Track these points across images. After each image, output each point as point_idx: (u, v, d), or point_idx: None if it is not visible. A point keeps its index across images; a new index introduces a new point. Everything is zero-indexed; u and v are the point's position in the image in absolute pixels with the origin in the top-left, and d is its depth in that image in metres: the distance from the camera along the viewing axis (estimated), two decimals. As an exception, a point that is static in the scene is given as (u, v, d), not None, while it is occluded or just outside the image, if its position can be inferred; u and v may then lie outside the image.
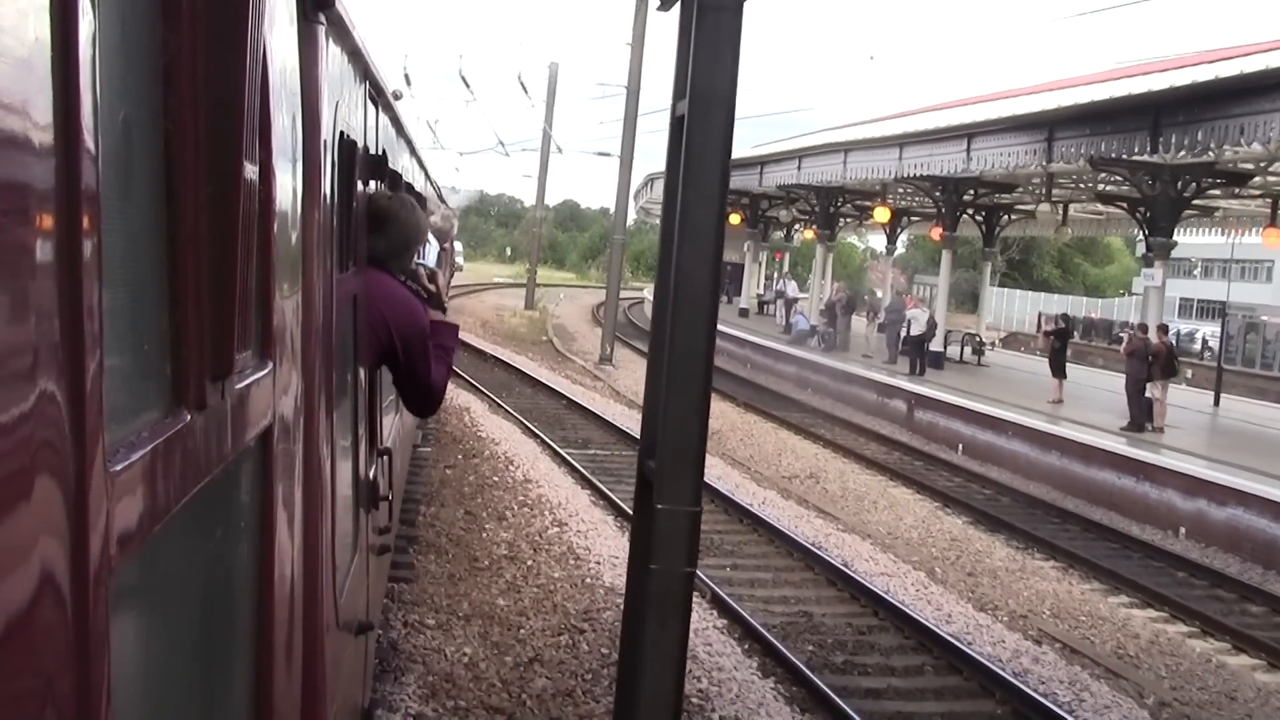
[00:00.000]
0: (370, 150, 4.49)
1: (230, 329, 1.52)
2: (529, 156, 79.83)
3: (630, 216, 49.84)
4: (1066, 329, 24.22)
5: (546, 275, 67.02)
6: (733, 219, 47.10)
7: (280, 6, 2.15)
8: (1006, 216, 34.87)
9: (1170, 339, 20.30)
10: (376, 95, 4.81)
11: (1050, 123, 18.73)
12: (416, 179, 10.10)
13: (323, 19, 2.81)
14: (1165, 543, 15.88)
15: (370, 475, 4.31)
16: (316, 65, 2.72)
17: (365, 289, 4.02)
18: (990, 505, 17.32)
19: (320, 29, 2.79)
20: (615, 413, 21.76)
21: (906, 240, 59.68)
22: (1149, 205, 25.76)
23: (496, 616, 10.00)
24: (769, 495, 15.92)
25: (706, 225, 5.85)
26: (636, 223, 69.29)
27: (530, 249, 56.14)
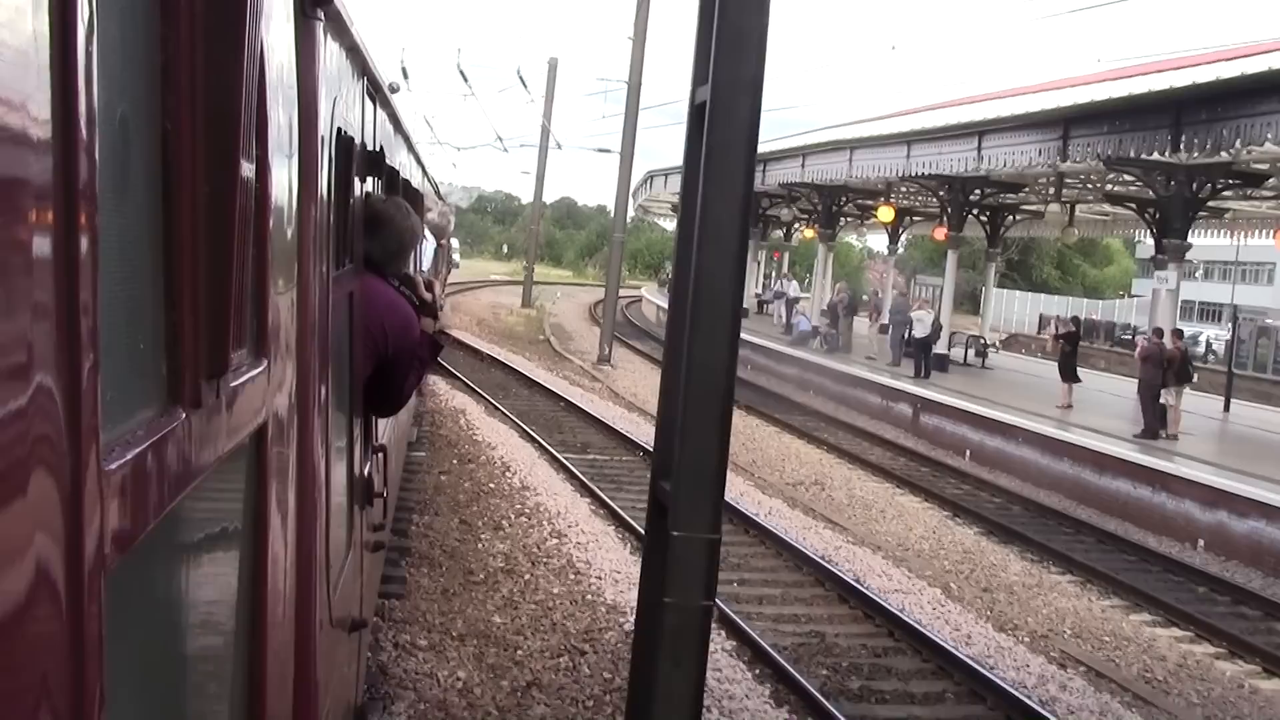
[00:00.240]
0: (368, 147, 4.47)
1: (226, 327, 1.50)
2: (527, 152, 79.25)
3: (628, 214, 49.32)
4: (1077, 332, 23.69)
5: (543, 273, 66.48)
6: (733, 217, 46.57)
7: (278, 3, 2.14)
8: (1011, 217, 34.37)
9: (1184, 344, 19.72)
10: (374, 91, 4.80)
11: (1066, 120, 18.18)
12: (414, 175, 10.07)
13: (321, 15, 2.80)
14: (1184, 555, 15.37)
15: (365, 472, 4.34)
16: (314, 62, 2.72)
17: (363, 291, 4.03)
18: (1002, 515, 16.80)
19: (318, 25, 2.78)
20: (615, 415, 21.21)
21: (906, 240, 59.25)
22: (1162, 206, 25.27)
23: (492, 636, 9.46)
24: (775, 504, 15.38)
25: (729, 224, 5.30)
26: (634, 220, 68.73)
27: (528, 246, 55.58)
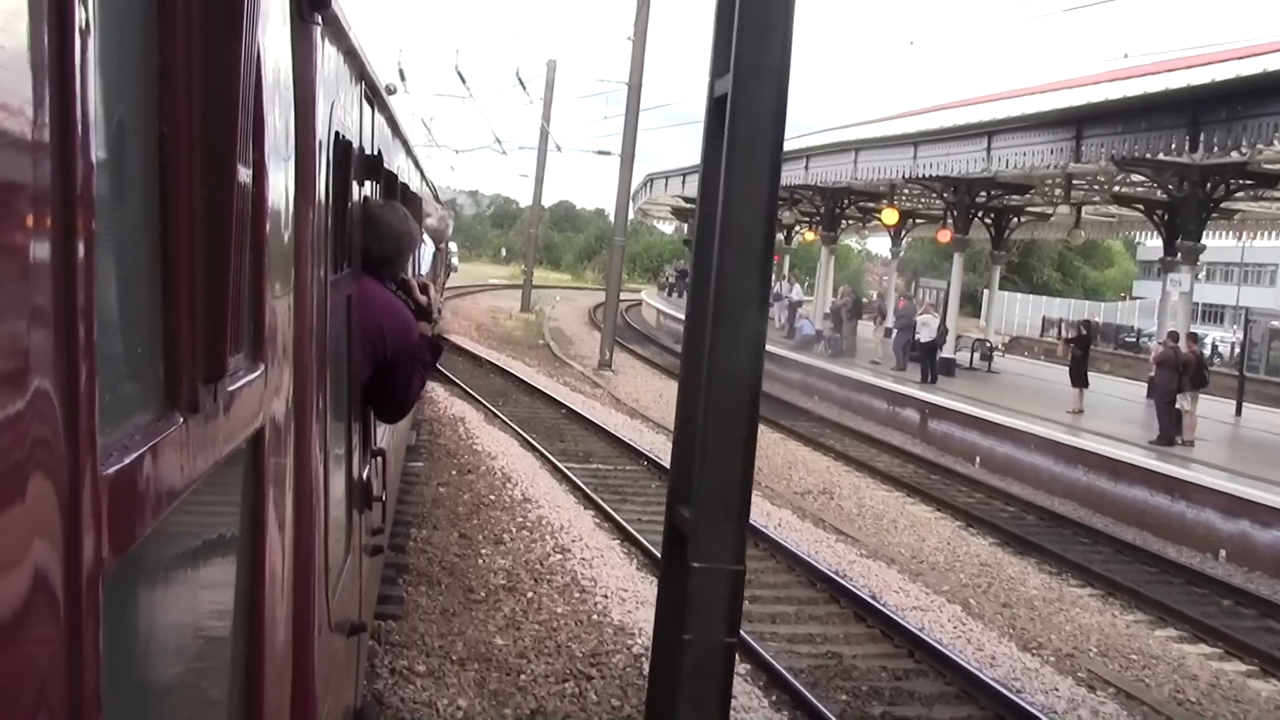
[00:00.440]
0: (366, 150, 4.45)
1: (223, 331, 1.50)
2: (525, 155, 78.78)
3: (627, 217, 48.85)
4: (1088, 336, 23.23)
5: (542, 276, 65.98)
6: (733, 220, 46.19)
7: (275, 7, 2.13)
8: (1016, 219, 33.97)
9: (1199, 348, 19.28)
10: (372, 95, 4.78)
11: (1078, 120, 17.73)
12: (412, 179, 10.00)
13: (319, 19, 2.78)
14: (1206, 567, 14.93)
15: (363, 476, 4.33)
16: (312, 66, 2.70)
17: (361, 295, 4.00)
18: (1016, 525, 16.35)
19: (316, 29, 2.76)
20: (617, 423, 20.75)
21: (907, 243, 58.89)
22: (1175, 207, 24.84)
23: (494, 659, 9.00)
24: (783, 515, 14.92)
25: (753, 227, 4.85)
26: (634, 223, 68.29)
27: (526, 250, 55.13)
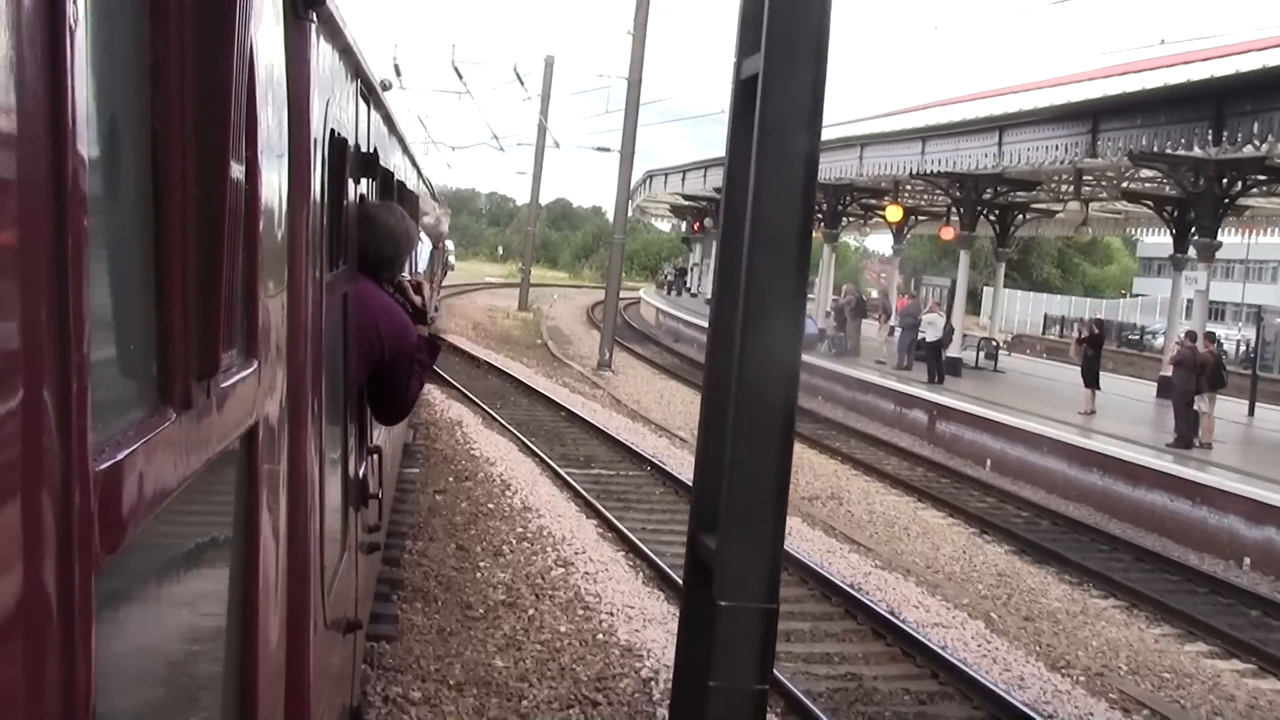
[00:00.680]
0: (362, 148, 4.42)
1: (216, 328, 1.50)
2: (523, 151, 78.19)
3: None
4: (1100, 335, 22.69)
5: (539, 275, 65.41)
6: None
7: (269, 4, 2.12)
8: (1021, 215, 33.44)
9: (1217, 348, 18.76)
10: (368, 93, 4.76)
11: (1095, 113, 17.20)
12: (409, 177, 9.88)
13: (314, 16, 2.77)
14: (1230, 575, 14.41)
15: (359, 473, 4.31)
16: (307, 63, 2.69)
17: (358, 295, 4.01)
18: (1032, 531, 15.83)
19: (311, 27, 2.74)
20: (618, 425, 20.21)
21: (907, 240, 58.38)
22: (1189, 203, 24.31)
23: (494, 683, 8.46)
24: (792, 522, 14.37)
25: (788, 221, 4.29)
26: (632, 221, 67.76)
27: (524, 248, 54.56)
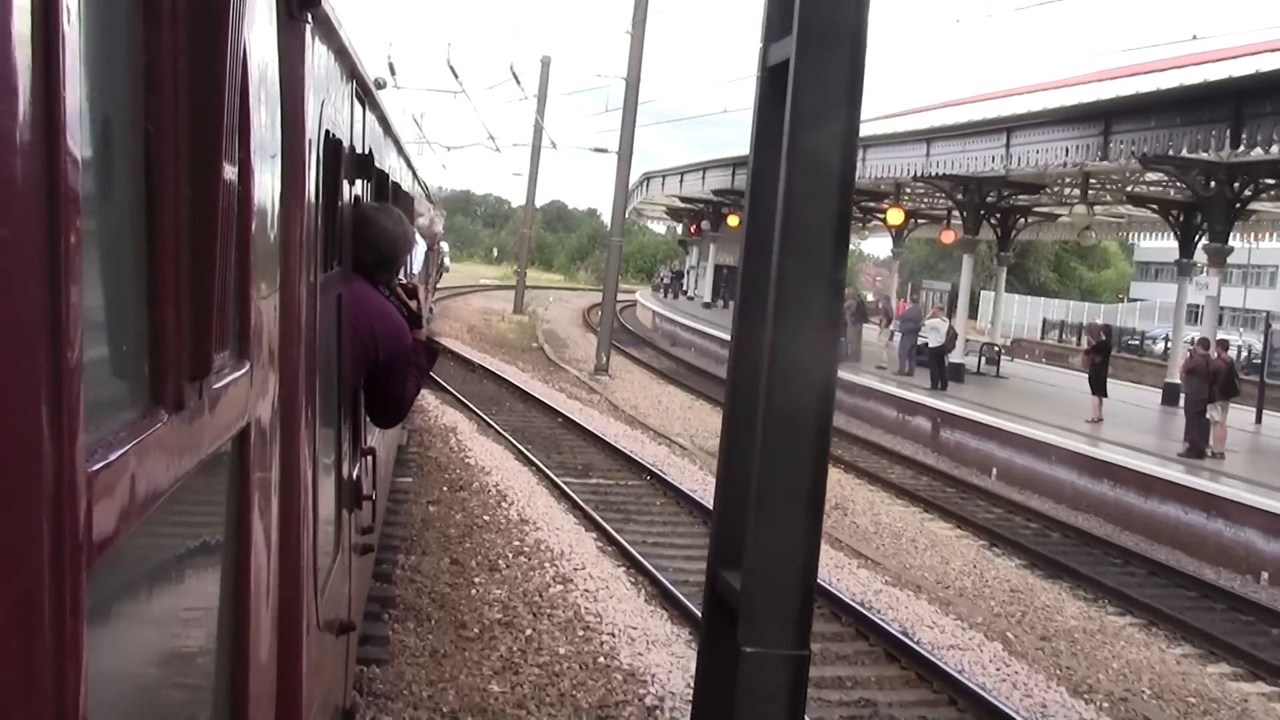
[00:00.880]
0: (357, 149, 4.40)
1: (208, 329, 1.50)
2: (519, 152, 77.69)
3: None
4: (1108, 341, 22.28)
5: (534, 277, 64.98)
6: (731, 221, 45.29)
7: (263, 5, 2.12)
8: (1023, 219, 33.06)
9: (1230, 355, 18.34)
10: (363, 94, 4.74)
11: (1107, 114, 16.76)
12: (404, 178, 9.87)
13: (308, 17, 2.77)
14: (1248, 590, 14.00)
15: (353, 475, 4.30)
16: (301, 64, 2.70)
17: (353, 297, 4.00)
18: (1042, 543, 15.41)
19: (306, 27, 2.75)
20: (616, 433, 19.74)
21: (904, 243, 58.12)
22: (1199, 207, 23.91)
23: (490, 710, 8.01)
24: (798, 535, 13.91)
25: (822, 225, 3.83)
26: (628, 223, 67.39)
27: (519, 250, 54.09)
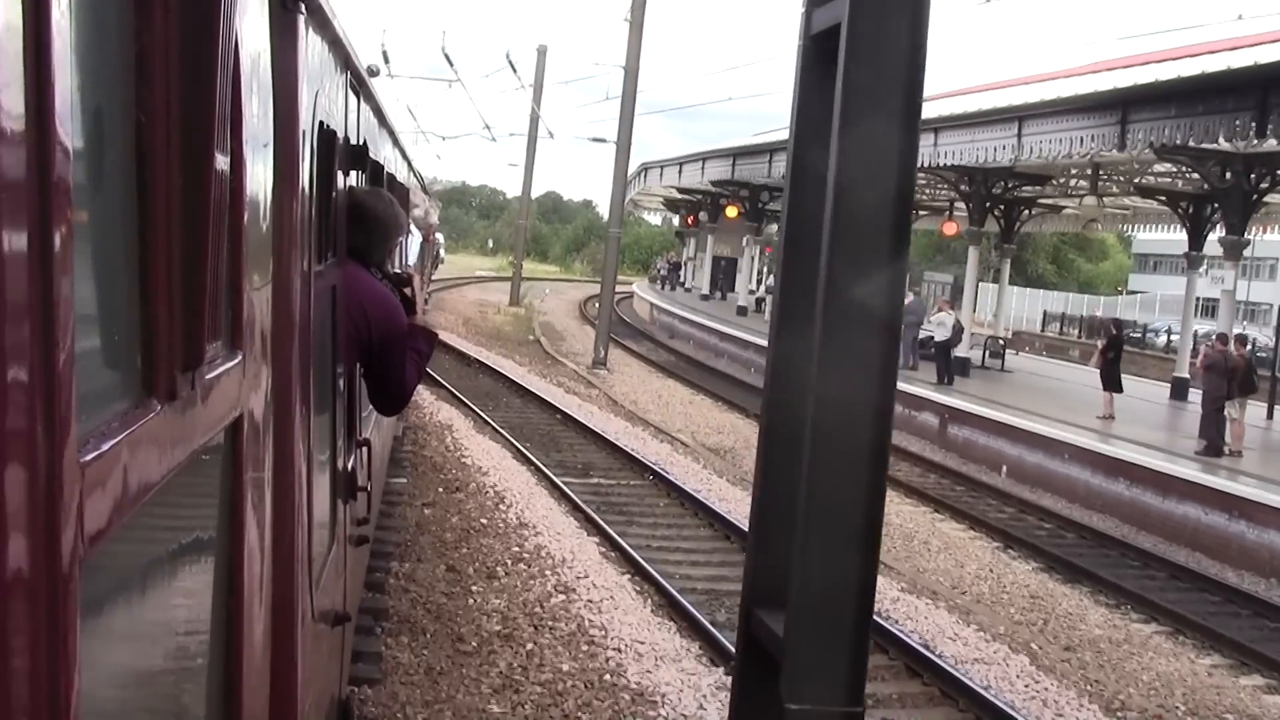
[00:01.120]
0: (351, 140, 4.41)
1: (200, 319, 1.48)
2: (515, 142, 77.05)
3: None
4: (1120, 336, 21.79)
5: (530, 268, 64.48)
6: (730, 212, 44.77)
7: None
8: (1027, 211, 32.57)
9: (1248, 351, 17.85)
10: (358, 85, 4.72)
11: (1124, 102, 16.23)
12: (399, 169, 9.81)
13: (302, 8, 2.74)
14: (1273, 595, 13.54)
15: (348, 466, 4.28)
16: (295, 55, 2.67)
17: (345, 280, 3.93)
18: (1058, 545, 14.93)
19: (299, 18, 2.72)
20: (616, 429, 19.22)
21: (904, 235, 57.56)
22: (1206, 199, 23.44)
23: (490, 735, 7.51)
24: (807, 538, 13.42)
25: (881, 216, 3.27)
26: (624, 214, 66.89)
27: (515, 241, 53.54)
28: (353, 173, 4.47)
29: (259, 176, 2.12)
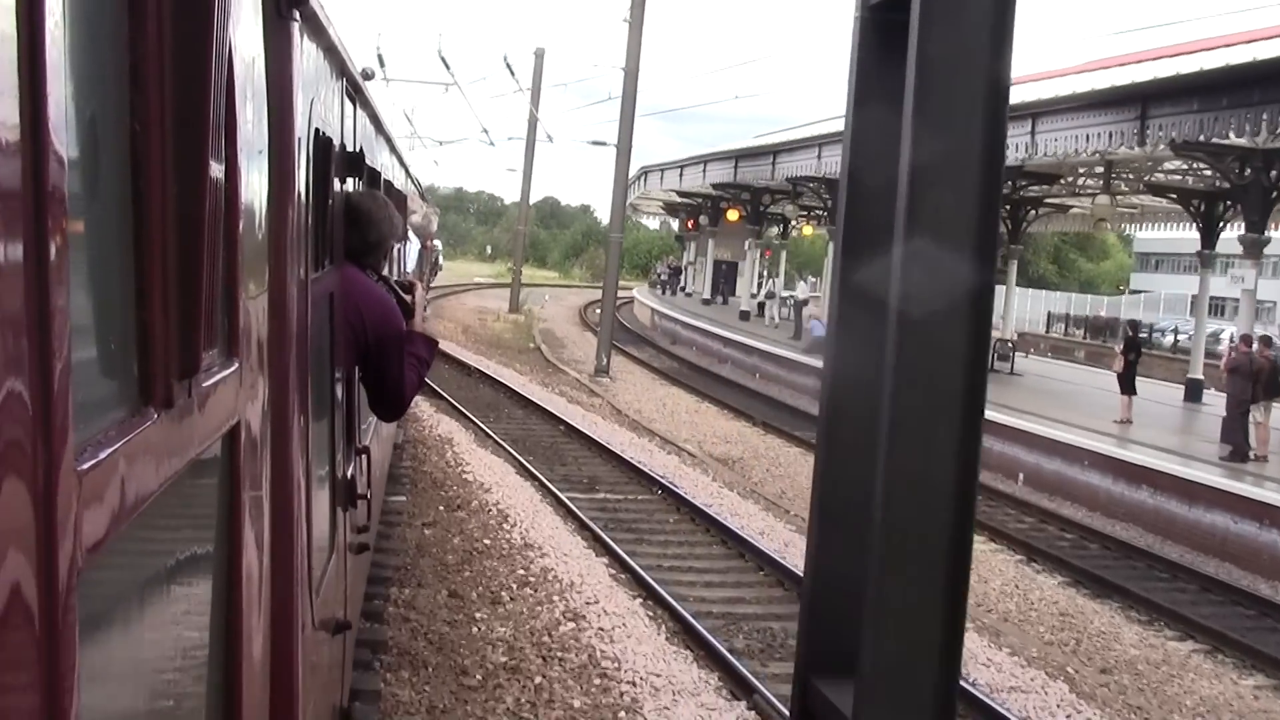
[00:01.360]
0: (348, 147, 4.41)
1: (197, 327, 1.47)
2: (514, 146, 76.58)
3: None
4: (1135, 338, 21.25)
5: (529, 274, 63.90)
6: (731, 215, 44.23)
7: (251, 3, 2.11)
8: (1034, 210, 32.07)
9: (1274, 353, 17.30)
10: (354, 92, 4.76)
11: (1144, 97, 15.71)
12: (396, 176, 9.72)
13: (297, 15, 2.77)
14: (1310, 608, 12.96)
15: (347, 474, 4.27)
16: (290, 62, 2.70)
17: (342, 283, 3.92)
18: (1082, 557, 14.38)
19: (294, 25, 2.75)
20: (622, 441, 18.67)
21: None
22: (1219, 197, 22.94)
23: (497, 780, 6.96)
24: (824, 553, 12.87)
25: (963, 216, 2.67)
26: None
27: (515, 247, 53.00)
28: (349, 180, 4.46)
29: (255, 184, 2.12)
